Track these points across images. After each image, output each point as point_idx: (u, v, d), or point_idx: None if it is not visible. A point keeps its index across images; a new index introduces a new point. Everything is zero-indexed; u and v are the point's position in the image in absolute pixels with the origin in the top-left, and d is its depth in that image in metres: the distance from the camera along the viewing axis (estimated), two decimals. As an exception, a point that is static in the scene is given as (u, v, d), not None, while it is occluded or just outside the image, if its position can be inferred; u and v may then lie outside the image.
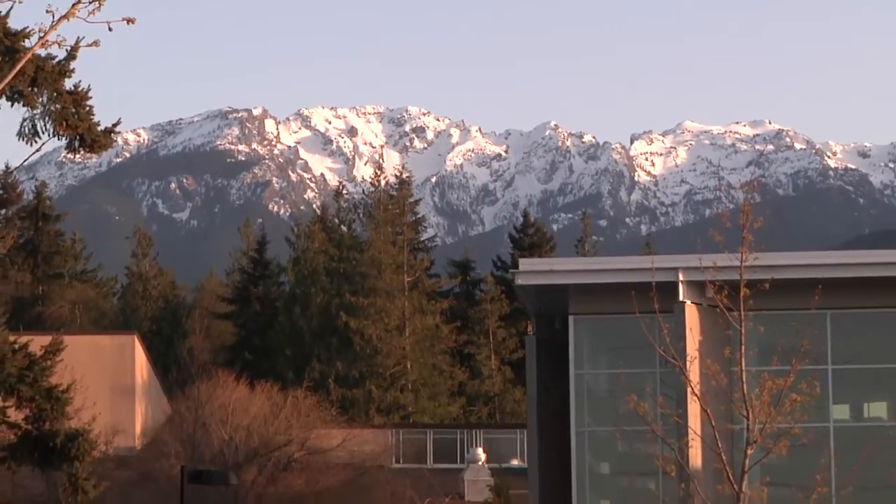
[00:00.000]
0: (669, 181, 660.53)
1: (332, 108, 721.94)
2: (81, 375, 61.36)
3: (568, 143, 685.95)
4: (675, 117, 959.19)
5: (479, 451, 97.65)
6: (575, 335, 70.68)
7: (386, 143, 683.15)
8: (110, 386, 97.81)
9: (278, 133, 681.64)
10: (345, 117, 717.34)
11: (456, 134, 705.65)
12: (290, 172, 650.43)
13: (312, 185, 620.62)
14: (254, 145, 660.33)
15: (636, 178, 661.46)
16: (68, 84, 46.86)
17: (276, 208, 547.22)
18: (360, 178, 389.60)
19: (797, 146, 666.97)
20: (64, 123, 46.49)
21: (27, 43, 37.92)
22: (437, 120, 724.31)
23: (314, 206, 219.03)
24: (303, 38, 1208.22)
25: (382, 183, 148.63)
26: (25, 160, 29.66)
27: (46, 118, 46.22)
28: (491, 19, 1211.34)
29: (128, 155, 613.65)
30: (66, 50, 44.59)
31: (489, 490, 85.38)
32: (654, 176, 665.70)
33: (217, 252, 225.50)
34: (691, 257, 64.27)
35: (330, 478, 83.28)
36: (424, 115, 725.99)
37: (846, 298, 67.62)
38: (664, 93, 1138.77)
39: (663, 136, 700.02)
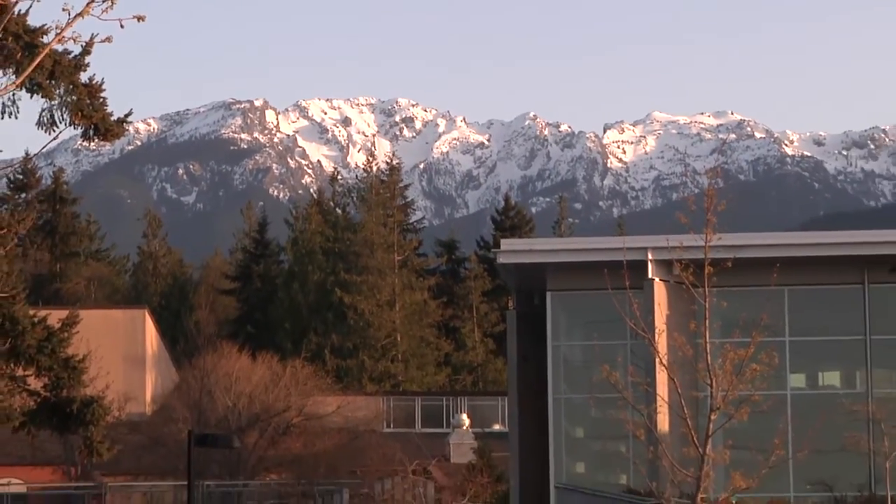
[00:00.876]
0: (639, 167, 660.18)
1: (327, 100, 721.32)
2: (96, 346, 61.43)
3: (545, 133, 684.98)
4: (645, 108, 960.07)
5: (464, 416, 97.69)
6: (552, 310, 70.70)
7: (377, 132, 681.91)
8: (123, 356, 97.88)
9: (278, 123, 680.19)
10: (339, 108, 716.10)
11: (442, 124, 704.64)
12: (288, 159, 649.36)
13: (310, 171, 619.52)
14: (255, 134, 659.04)
15: (608, 165, 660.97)
16: (83, 77, 46.80)
17: (276, 192, 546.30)
18: (353, 165, 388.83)
19: (757, 135, 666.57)
20: (79, 114, 46.43)
21: (45, 39, 37.84)
22: (425, 111, 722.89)
23: (311, 190, 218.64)
24: (301, 35, 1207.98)
25: (374, 169, 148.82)
26: (44, 147, 29.58)
27: (63, 109, 46.16)
28: (475, 19, 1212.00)
29: (139, 143, 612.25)
30: (81, 46, 44.38)
31: (473, 453, 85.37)
32: (625, 163, 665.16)
33: (221, 233, 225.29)
34: (659, 238, 64.39)
35: (326, 441, 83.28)
36: (413, 106, 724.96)
37: (802, 276, 67.70)
38: (634, 85, 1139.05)
39: (634, 125, 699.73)
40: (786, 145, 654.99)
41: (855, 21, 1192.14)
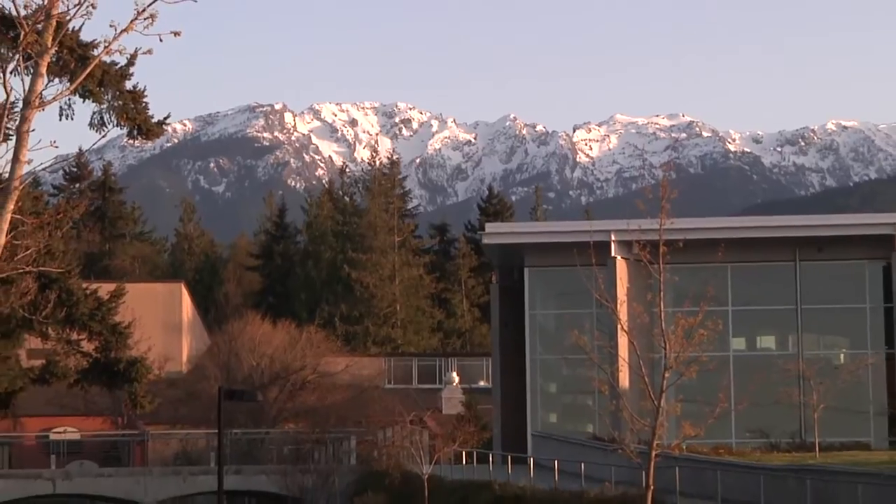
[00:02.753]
0: (604, 162, 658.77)
1: (337, 104, 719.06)
2: (139, 315, 61.41)
3: (524, 132, 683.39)
4: (609, 111, 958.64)
5: (454, 374, 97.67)
6: (529, 283, 70.75)
7: (380, 131, 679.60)
8: (162, 323, 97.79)
9: (295, 123, 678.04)
10: (347, 111, 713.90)
11: (435, 124, 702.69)
12: (304, 155, 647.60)
13: (322, 165, 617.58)
14: (275, 133, 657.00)
15: (577, 160, 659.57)
16: (128, 85, 46.75)
17: (293, 183, 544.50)
18: (359, 160, 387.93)
19: (704, 134, 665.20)
20: (125, 116, 46.34)
21: (95, 52, 37.75)
22: (421, 113, 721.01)
23: (323, 181, 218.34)
24: (315, 48, 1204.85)
25: (377, 163, 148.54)
26: (94, 144, 29.45)
27: (111, 112, 46.05)
28: (463, 35, 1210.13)
29: (176, 141, 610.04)
30: (126, 57, 44.27)
31: (462, 405, 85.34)
32: (592, 158, 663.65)
33: (247, 218, 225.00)
34: (621, 222, 64.39)
35: (336, 395, 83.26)
36: (410, 109, 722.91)
37: (743, 254, 67.77)
38: (600, 91, 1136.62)
39: (599, 126, 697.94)
40: (729, 143, 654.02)
41: (787, 34, 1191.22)
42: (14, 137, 13.82)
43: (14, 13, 13.61)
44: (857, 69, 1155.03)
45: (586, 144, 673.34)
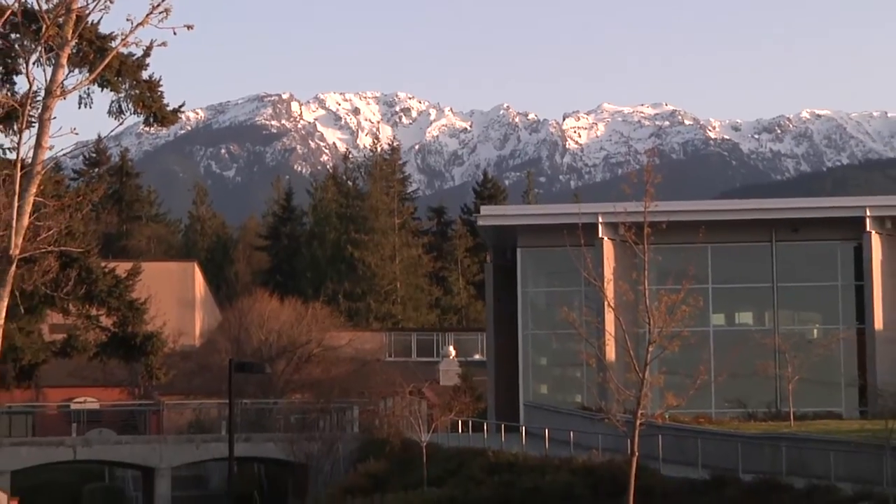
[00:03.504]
0: (592, 148, 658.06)
1: (341, 94, 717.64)
2: (155, 292, 61.35)
3: (516, 120, 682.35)
4: (596, 100, 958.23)
5: (451, 348, 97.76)
6: (521, 262, 70.72)
7: (381, 119, 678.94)
8: (176, 300, 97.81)
9: (301, 112, 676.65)
10: (350, 100, 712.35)
11: (433, 113, 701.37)
12: (310, 142, 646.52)
13: (327, 151, 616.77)
14: (283, 121, 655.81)
15: (567, 147, 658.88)
16: (144, 75, 46.65)
17: (299, 168, 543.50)
18: (362, 146, 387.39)
19: (686, 122, 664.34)
20: (141, 104, 46.27)
21: (113, 44, 37.66)
22: (420, 102, 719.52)
23: (328, 166, 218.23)
24: (320, 41, 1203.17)
25: (378, 150, 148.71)
26: (112, 131, 29.58)
27: (128, 101, 46.00)
28: (459, 27, 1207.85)
29: (189, 128, 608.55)
30: (142, 49, 44.21)
31: (458, 377, 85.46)
32: (581, 144, 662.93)
33: (256, 201, 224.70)
34: (607, 205, 64.43)
35: (339, 368, 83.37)
36: (410, 98, 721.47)
37: (722, 235, 67.72)
38: (588, 82, 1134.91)
39: (587, 114, 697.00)
40: (709, 130, 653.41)
41: (764, 29, 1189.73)
42: (36, 124, 13.82)
43: (36, 7, 13.61)
44: (830, 61, 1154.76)
45: (575, 132, 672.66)
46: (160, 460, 68.95)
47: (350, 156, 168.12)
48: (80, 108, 42.01)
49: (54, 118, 13.77)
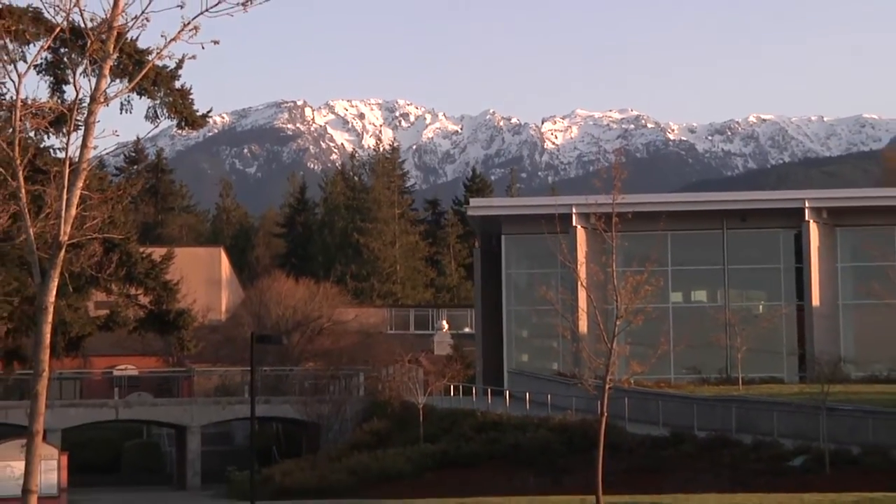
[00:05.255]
0: (567, 148, 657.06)
1: (348, 101, 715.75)
2: (186, 274, 61.13)
3: (501, 124, 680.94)
4: (571, 106, 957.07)
5: (444, 322, 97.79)
6: (506, 248, 70.75)
7: (383, 123, 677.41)
8: (205, 280, 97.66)
9: (313, 117, 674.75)
10: (356, 106, 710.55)
11: (429, 117, 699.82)
12: (321, 142, 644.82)
13: (336, 150, 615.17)
14: (297, 124, 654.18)
15: (545, 147, 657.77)
16: (177, 84, 46.44)
17: (312, 166, 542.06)
18: (366, 146, 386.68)
19: (648, 125, 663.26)
20: (174, 110, 46.09)
21: (149, 57, 37.54)
22: (416, 108, 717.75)
23: (337, 164, 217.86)
24: (330, 55, 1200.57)
25: (381, 150, 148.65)
26: (148, 133, 29.57)
27: (162, 107, 45.81)
28: (449, 42, 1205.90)
29: (216, 130, 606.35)
30: (175, 62, 44.16)
31: (450, 347, 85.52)
32: (557, 145, 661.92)
33: (274, 194, 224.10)
34: (580, 197, 64.44)
35: (347, 340, 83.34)
36: (408, 104, 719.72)
37: (680, 224, 67.79)
38: (564, 90, 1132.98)
39: (563, 118, 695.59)
40: (669, 132, 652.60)
41: (717, 42, 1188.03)
42: (83, 128, 13.80)
43: (82, 25, 13.60)
44: (774, 71, 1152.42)
45: (552, 134, 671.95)
46: (191, 419, 68.96)
47: (356, 155, 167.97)
48: (120, 113, 41.92)
49: (98, 122, 13.74)
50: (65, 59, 38.60)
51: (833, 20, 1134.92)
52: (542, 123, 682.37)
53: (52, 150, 40.10)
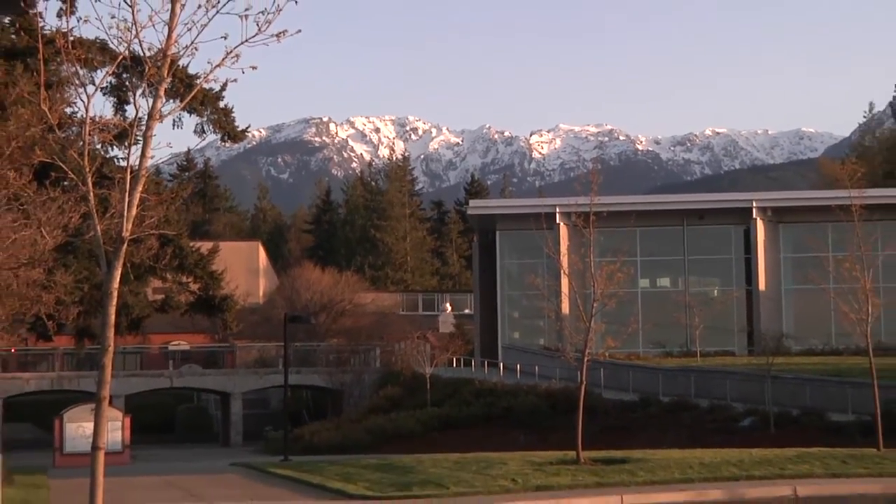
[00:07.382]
0: (551, 157, 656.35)
1: (366, 117, 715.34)
2: (229, 264, 61.19)
3: (495, 136, 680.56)
4: (555, 121, 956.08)
5: (448, 305, 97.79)
6: (500, 242, 70.75)
7: (396, 136, 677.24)
8: (246, 270, 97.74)
9: (336, 131, 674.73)
10: (373, 122, 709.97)
11: (434, 131, 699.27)
12: (343, 153, 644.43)
13: (356, 160, 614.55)
14: (323, 138, 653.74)
15: (533, 156, 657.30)
16: (221, 104, 46.48)
17: (336, 173, 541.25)
18: (382, 156, 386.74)
19: (621, 137, 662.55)
20: (218, 126, 46.16)
21: (197, 81, 37.54)
22: (424, 123, 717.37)
23: (357, 171, 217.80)
24: (352, 78, 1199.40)
25: (394, 159, 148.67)
26: (197, 145, 29.58)
27: (209, 123, 45.87)
28: (452, 66, 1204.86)
29: (254, 143, 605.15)
30: (219, 85, 44.27)
31: (453, 326, 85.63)
32: (543, 154, 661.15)
33: (303, 196, 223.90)
34: (563, 199, 64.32)
35: (366, 319, 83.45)
36: (417, 120, 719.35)
37: (647, 221, 67.77)
38: (549, 107, 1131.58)
39: (548, 132, 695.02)
40: (637, 144, 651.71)
41: (677, 66, 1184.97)
42: (142, 141, 13.85)
43: (141, 54, 13.67)
44: (727, 91, 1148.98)
45: (539, 145, 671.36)
46: (234, 387, 69.02)
47: (373, 163, 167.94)
48: (173, 128, 42.00)
49: (154, 136, 13.77)
50: (126, 83, 38.56)
51: (779, 51, 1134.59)
52: (531, 136, 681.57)
53: (116, 160, 40.09)
